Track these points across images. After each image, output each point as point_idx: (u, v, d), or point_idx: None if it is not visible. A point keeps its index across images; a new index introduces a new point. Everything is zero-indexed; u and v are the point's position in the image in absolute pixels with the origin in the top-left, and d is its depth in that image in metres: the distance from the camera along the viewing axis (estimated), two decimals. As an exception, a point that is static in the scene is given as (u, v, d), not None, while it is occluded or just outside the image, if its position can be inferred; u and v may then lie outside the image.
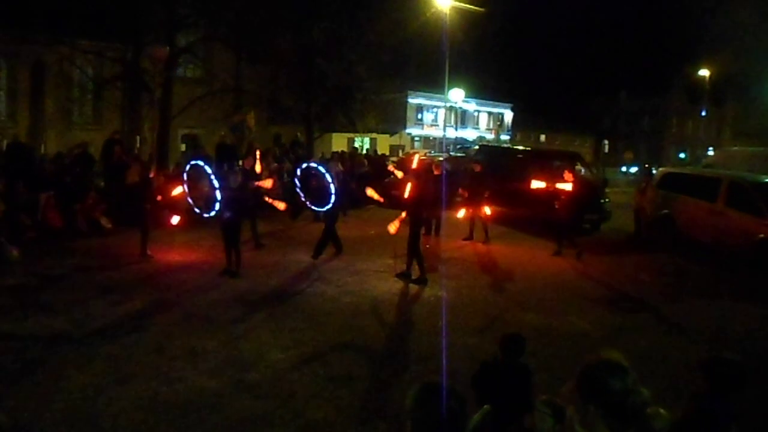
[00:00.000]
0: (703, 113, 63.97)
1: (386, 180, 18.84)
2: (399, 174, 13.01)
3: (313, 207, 12.85)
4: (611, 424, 2.23)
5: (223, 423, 5.55)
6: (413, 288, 10.48)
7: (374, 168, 23.05)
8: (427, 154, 33.64)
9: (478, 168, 15.55)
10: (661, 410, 2.34)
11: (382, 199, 12.59)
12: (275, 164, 18.95)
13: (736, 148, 25.77)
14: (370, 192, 12.09)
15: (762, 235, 13.05)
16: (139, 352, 7.08)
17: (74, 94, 26.54)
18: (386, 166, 20.49)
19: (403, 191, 11.39)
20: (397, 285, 10.61)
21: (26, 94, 25.34)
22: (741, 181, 14.51)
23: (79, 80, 25.99)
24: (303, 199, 13.01)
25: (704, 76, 55.03)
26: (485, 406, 2.53)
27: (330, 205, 11.89)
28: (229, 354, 7.15)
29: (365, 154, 27.56)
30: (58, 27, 20.57)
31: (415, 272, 10.92)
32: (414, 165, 12.28)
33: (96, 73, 24.97)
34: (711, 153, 55.21)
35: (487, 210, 15.19)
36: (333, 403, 6.02)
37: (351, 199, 17.87)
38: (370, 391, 6.36)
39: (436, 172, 13.63)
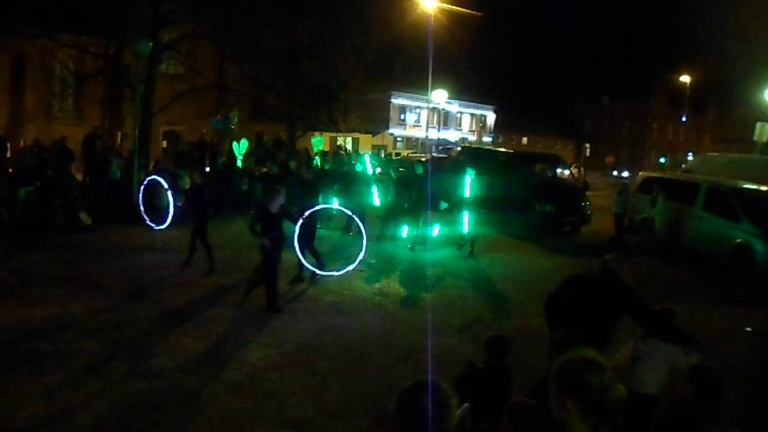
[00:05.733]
0: (684, 119, 64.63)
1: None
2: None
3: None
4: (586, 419, 2.26)
5: (203, 420, 5.54)
6: (393, 288, 10.52)
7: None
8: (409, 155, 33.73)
9: (420, 170, 14.28)
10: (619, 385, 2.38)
11: None
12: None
13: (715, 153, 26.03)
14: None
15: (738, 240, 13.25)
16: (117, 349, 7.04)
17: (55, 88, 26.25)
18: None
19: None
20: (378, 285, 10.64)
21: (6, 88, 25.02)
22: (719, 186, 14.69)
23: (60, 74, 25.72)
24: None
25: (685, 83, 55.69)
26: (465, 405, 2.55)
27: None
28: (209, 352, 7.14)
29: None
30: (40, 20, 20.34)
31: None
32: None
33: (77, 67, 24.69)
34: (690, 158, 55.80)
35: (435, 229, 14.16)
36: (313, 401, 6.03)
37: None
38: (351, 389, 6.38)
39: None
